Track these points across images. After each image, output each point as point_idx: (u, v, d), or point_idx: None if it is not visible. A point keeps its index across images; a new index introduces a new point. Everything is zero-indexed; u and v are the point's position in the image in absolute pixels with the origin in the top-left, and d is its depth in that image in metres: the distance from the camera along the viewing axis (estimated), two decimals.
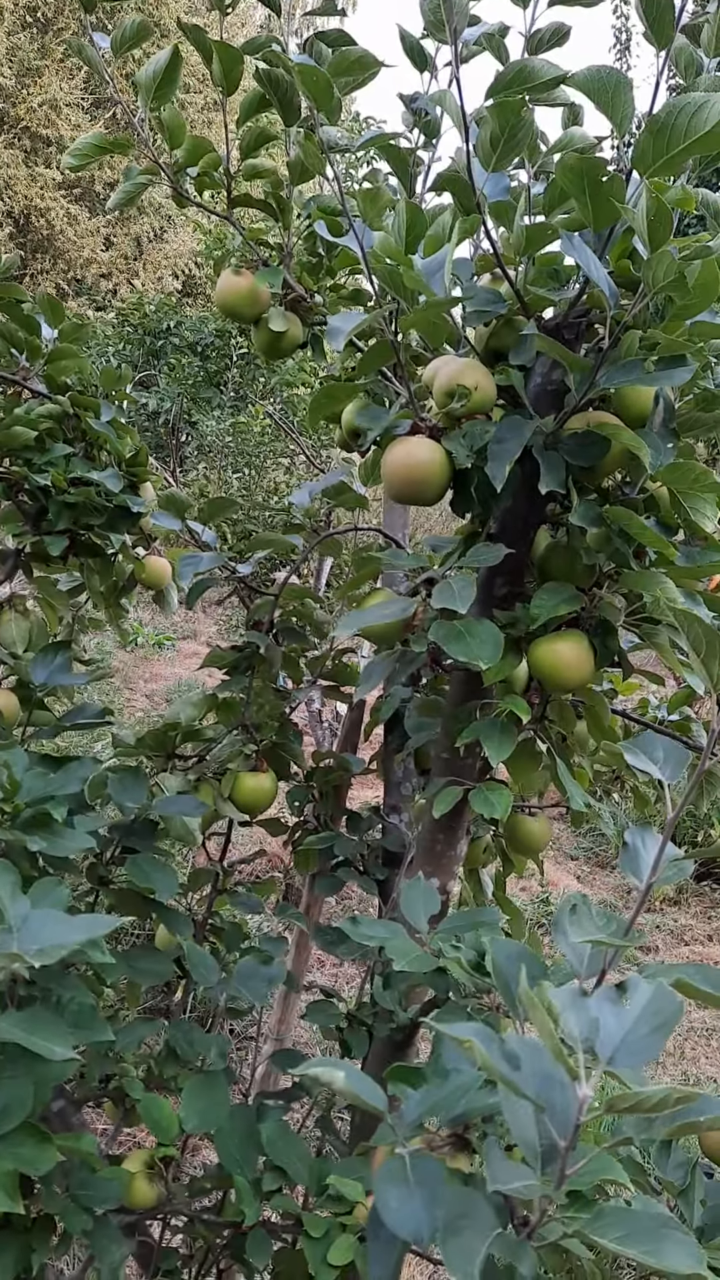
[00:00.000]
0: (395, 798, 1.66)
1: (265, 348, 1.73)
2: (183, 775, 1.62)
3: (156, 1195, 1.32)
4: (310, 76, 1.10)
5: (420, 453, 1.21)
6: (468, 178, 1.20)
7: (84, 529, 1.71)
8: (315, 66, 1.11)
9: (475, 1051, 0.63)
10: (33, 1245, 1.15)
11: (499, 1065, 0.63)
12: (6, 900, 0.94)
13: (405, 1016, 1.30)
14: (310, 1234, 1.23)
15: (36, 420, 1.71)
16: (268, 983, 1.40)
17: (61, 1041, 0.94)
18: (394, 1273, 0.80)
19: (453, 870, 1.38)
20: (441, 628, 1.17)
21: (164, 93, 1.68)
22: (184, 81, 22.38)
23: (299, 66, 1.10)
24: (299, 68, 1.10)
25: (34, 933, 0.94)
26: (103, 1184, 1.21)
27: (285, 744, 1.69)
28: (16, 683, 1.67)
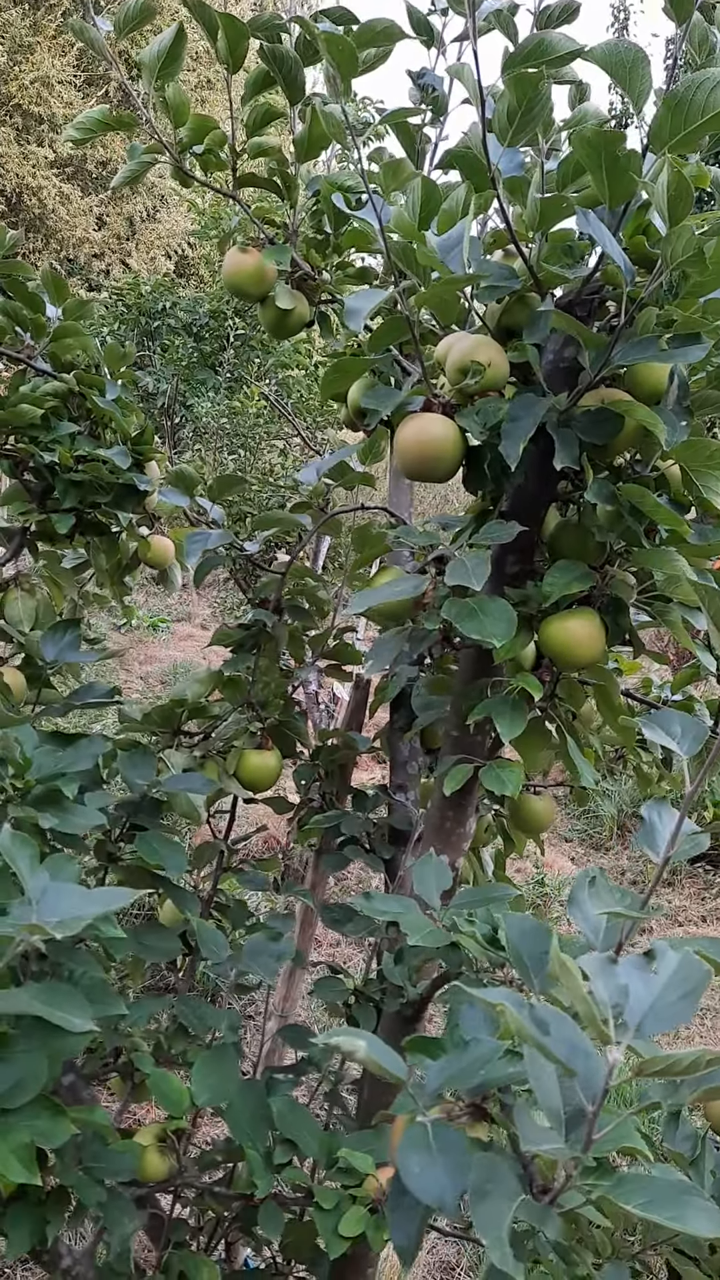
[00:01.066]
0: (401, 776, 1.66)
1: (272, 326, 1.72)
2: (188, 752, 1.62)
3: (168, 1168, 1.33)
4: (335, 45, 1.09)
5: (433, 429, 1.21)
6: (482, 152, 1.19)
7: (90, 507, 1.71)
8: (340, 35, 1.10)
9: (507, 1015, 0.64)
10: (47, 1217, 1.16)
11: (531, 1030, 0.64)
12: (25, 873, 0.95)
13: (415, 991, 1.31)
14: (321, 1206, 1.24)
15: (42, 398, 1.70)
16: (276, 959, 1.41)
17: (80, 1014, 0.95)
18: (416, 1240, 0.81)
19: (461, 848, 1.38)
20: (454, 605, 1.17)
21: (168, 71, 1.66)
22: None
23: (325, 35, 1.09)
24: (325, 36, 1.09)
25: (52, 905, 0.94)
26: (116, 1157, 1.22)
27: (290, 722, 1.69)
28: (23, 661, 1.67)
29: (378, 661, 1.28)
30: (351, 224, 1.69)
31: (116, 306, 11.49)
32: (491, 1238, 0.71)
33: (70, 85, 20.34)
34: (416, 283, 1.32)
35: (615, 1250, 1.12)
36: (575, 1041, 0.72)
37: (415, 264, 1.28)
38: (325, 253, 1.72)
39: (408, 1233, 0.82)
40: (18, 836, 0.97)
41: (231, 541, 1.53)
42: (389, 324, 1.37)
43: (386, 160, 1.76)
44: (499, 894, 1.16)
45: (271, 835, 4.90)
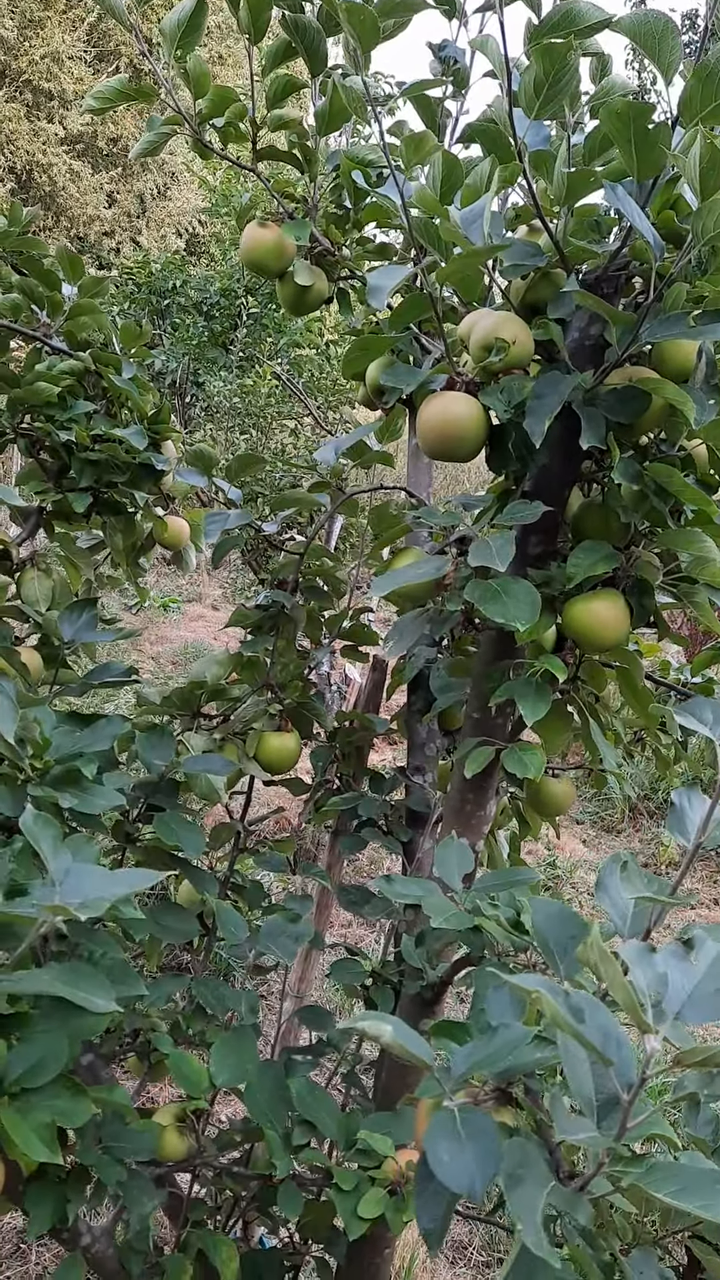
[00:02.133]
0: (419, 758, 1.65)
1: (290, 302, 1.70)
2: (208, 734, 1.62)
3: (187, 1148, 1.33)
4: (357, 15, 1.07)
5: (457, 408, 1.19)
6: (507, 125, 1.17)
7: (107, 486, 1.69)
8: (362, 5, 1.08)
9: (543, 1002, 0.63)
10: (68, 1196, 1.16)
11: (568, 1017, 0.63)
12: (48, 853, 0.94)
13: (434, 975, 1.30)
14: (341, 1187, 1.24)
15: (58, 377, 1.69)
16: (294, 940, 1.40)
17: (103, 994, 0.94)
18: (443, 1225, 0.81)
19: (482, 830, 1.37)
20: (477, 587, 1.16)
21: (188, 41, 1.64)
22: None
23: (346, 5, 1.07)
24: (346, 6, 1.07)
25: (75, 886, 0.94)
26: (135, 1136, 1.22)
27: (309, 704, 1.68)
28: (40, 640, 1.66)
29: (399, 643, 1.27)
30: (372, 199, 1.67)
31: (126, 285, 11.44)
32: (527, 1223, 0.70)
33: (80, 61, 20.20)
34: (438, 259, 1.31)
35: (636, 1236, 1.12)
36: (609, 1029, 0.71)
37: (437, 239, 1.26)
38: (345, 228, 1.70)
39: (434, 1217, 0.82)
40: (40, 817, 0.96)
41: (250, 522, 1.52)
42: (410, 301, 1.35)
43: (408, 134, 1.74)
44: (521, 877, 1.15)
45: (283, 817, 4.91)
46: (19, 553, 1.68)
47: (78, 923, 1.05)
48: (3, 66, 19.22)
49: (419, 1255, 2.61)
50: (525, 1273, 0.81)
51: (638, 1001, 0.61)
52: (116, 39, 21.43)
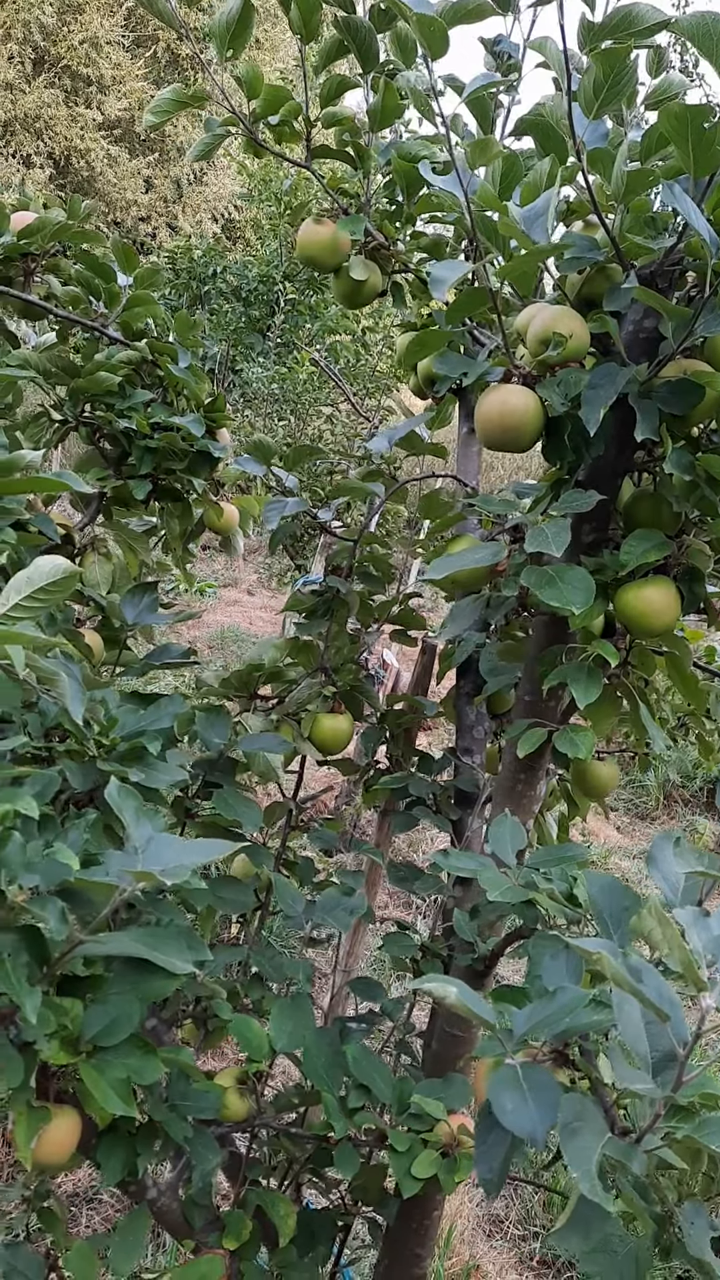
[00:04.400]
0: (468, 740, 1.70)
1: (345, 296, 1.75)
2: (264, 716, 1.67)
3: (247, 1109, 1.39)
4: (428, 25, 1.11)
5: (515, 400, 1.23)
6: (564, 123, 1.21)
7: (165, 473, 1.75)
8: (433, 16, 1.11)
9: (605, 964, 0.67)
10: (137, 1150, 1.22)
11: (627, 977, 0.67)
12: (131, 823, 1.00)
13: (486, 947, 1.35)
14: (395, 1148, 1.29)
15: (117, 366, 1.74)
16: (350, 913, 1.46)
17: (182, 956, 1.00)
18: (501, 1173, 0.85)
19: (532, 810, 1.42)
20: (533, 573, 1.20)
21: (239, 41, 1.68)
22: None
23: (417, 15, 1.10)
24: (417, 16, 1.10)
25: (156, 855, 0.99)
26: (200, 1096, 1.27)
27: (361, 686, 1.73)
28: (99, 623, 1.72)
29: (454, 627, 1.31)
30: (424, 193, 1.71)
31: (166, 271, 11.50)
32: (582, 1171, 0.75)
33: (119, 46, 20.27)
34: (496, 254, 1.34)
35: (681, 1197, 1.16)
36: (663, 991, 0.76)
37: (495, 235, 1.30)
38: (398, 223, 1.74)
39: (493, 1166, 0.87)
40: (123, 788, 1.02)
41: (307, 509, 1.57)
42: (468, 295, 1.39)
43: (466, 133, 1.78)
44: (573, 853, 1.19)
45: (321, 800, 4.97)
46: (81, 537, 1.74)
47: (145, 891, 1.10)
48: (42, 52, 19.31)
49: (457, 1227, 2.67)
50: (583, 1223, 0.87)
51: (694, 960, 0.66)
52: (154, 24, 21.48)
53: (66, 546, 1.75)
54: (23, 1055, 1.06)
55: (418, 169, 1.65)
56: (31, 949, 1.00)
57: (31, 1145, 1.08)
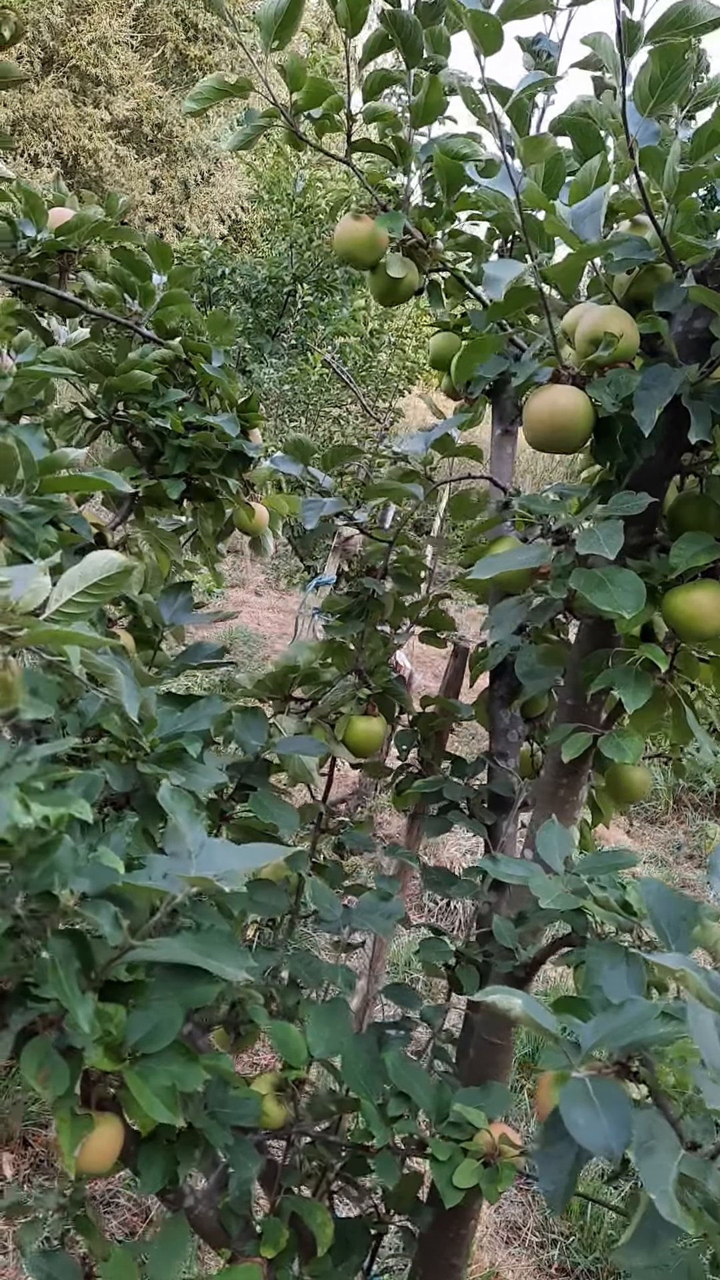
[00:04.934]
0: (502, 744, 1.68)
1: (382, 294, 1.73)
2: (298, 718, 1.65)
3: (284, 1116, 1.37)
4: (481, 22, 1.09)
5: (565, 400, 1.22)
6: (618, 121, 1.19)
7: (198, 473, 1.73)
8: (487, 13, 1.10)
9: (688, 980, 0.66)
10: (177, 1158, 1.21)
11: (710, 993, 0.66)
12: (184, 827, 0.98)
13: (527, 954, 1.33)
14: (436, 1158, 1.28)
15: (151, 365, 1.73)
16: (388, 917, 1.44)
17: (234, 963, 0.98)
18: (566, 1187, 0.84)
19: (575, 815, 1.40)
20: (582, 576, 1.19)
21: (285, 33, 1.67)
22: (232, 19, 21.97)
23: (471, 12, 1.09)
24: (471, 13, 1.09)
25: (209, 860, 0.98)
26: (241, 1103, 1.26)
27: (394, 688, 1.71)
28: (130, 623, 1.70)
29: (500, 629, 1.29)
30: (463, 191, 1.69)
31: None
32: (659, 1191, 0.73)
33: (127, 46, 20.26)
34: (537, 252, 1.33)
35: None
36: None
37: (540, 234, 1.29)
38: (437, 220, 1.72)
39: (557, 1180, 0.85)
40: (177, 792, 1.00)
41: (344, 510, 1.55)
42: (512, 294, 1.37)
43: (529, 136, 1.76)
44: (621, 859, 1.17)
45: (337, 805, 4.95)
46: (113, 537, 1.72)
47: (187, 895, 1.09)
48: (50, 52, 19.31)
49: (476, 1233, 2.65)
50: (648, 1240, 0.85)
51: None
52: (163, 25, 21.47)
53: (99, 545, 1.73)
54: (68, 1062, 1.04)
55: (461, 166, 1.63)
56: (81, 955, 0.98)
57: (76, 1153, 1.06)
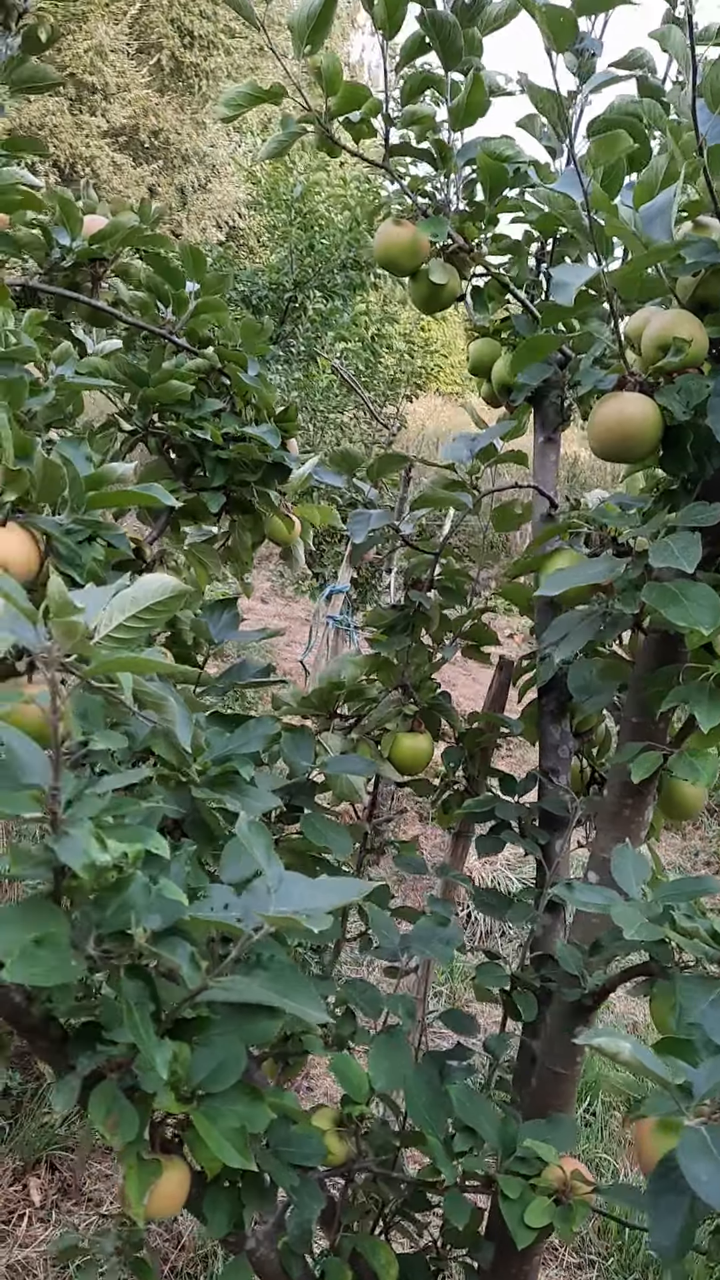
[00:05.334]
0: (552, 760, 1.63)
1: (423, 300, 1.69)
2: (343, 735, 1.61)
3: (346, 1152, 1.33)
4: (555, 18, 1.05)
5: (633, 408, 1.17)
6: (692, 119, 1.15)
7: (238, 485, 1.69)
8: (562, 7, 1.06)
9: None
10: (242, 1200, 1.16)
11: None
12: (263, 862, 0.93)
13: (594, 982, 1.29)
14: (507, 1195, 1.23)
15: (188, 375, 1.68)
16: (446, 943, 1.39)
17: (314, 1005, 0.93)
18: (683, 1241, 0.79)
19: (640, 835, 1.36)
20: (655, 590, 1.14)
21: (318, 36, 1.63)
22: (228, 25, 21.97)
23: (543, 8, 1.05)
24: (544, 9, 1.05)
25: (287, 895, 0.93)
26: (305, 1140, 1.21)
27: (440, 704, 1.67)
28: (168, 639, 1.66)
29: (567, 646, 1.25)
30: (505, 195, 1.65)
31: None
32: None
33: (123, 54, 20.27)
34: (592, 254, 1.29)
35: None
36: None
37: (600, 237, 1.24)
38: (478, 224, 1.68)
39: (670, 1231, 0.80)
40: (255, 825, 0.96)
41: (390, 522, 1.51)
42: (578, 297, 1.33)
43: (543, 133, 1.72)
44: (704, 886, 1.13)
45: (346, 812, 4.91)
46: (151, 551, 1.68)
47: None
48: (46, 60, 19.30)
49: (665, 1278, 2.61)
50: None
51: None
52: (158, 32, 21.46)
53: (136, 560, 1.69)
54: (136, 1107, 1.00)
55: (504, 168, 1.59)
56: (154, 995, 0.93)
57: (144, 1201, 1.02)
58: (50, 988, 1.01)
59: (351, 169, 10.57)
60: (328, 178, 10.81)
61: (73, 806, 0.89)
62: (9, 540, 1.12)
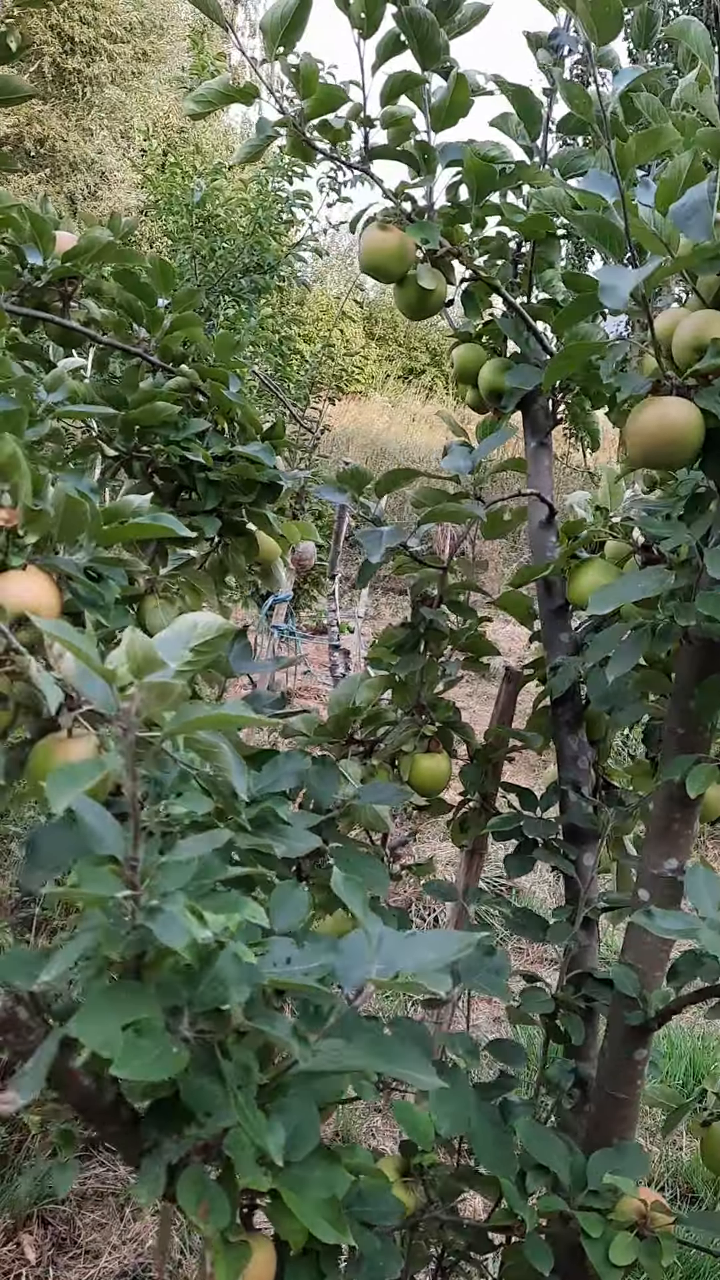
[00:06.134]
0: (572, 772, 1.60)
1: (411, 306, 1.64)
2: (359, 760, 1.55)
3: (415, 1202, 1.27)
4: (601, 9, 1.00)
5: (675, 412, 1.14)
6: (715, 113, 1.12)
7: (231, 506, 1.61)
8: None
9: None
10: (322, 1269, 1.09)
11: None
12: (362, 916, 0.87)
13: (657, 1003, 1.25)
14: (588, 1234, 1.19)
15: (171, 395, 1.61)
16: (497, 974, 1.34)
17: (425, 1069, 0.88)
18: None
19: (688, 850, 1.32)
20: (711, 599, 1.11)
21: (291, 38, 1.57)
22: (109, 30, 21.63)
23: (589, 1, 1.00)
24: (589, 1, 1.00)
25: (388, 955, 0.87)
26: (380, 1199, 1.15)
27: (455, 722, 1.62)
28: None
29: (619, 662, 1.20)
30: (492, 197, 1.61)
31: None
32: None
33: None
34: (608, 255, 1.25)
35: None
36: None
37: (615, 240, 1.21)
38: (462, 227, 1.63)
39: None
40: (350, 880, 0.90)
41: (403, 540, 1.45)
42: (581, 300, 1.30)
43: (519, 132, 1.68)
44: None
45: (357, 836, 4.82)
46: (142, 580, 1.60)
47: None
48: None
49: None
50: None
51: None
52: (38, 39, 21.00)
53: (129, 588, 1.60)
54: (225, 1189, 0.93)
55: (492, 169, 1.55)
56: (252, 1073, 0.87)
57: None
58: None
59: (251, 169, 10.45)
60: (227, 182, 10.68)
61: (154, 878, 0.82)
62: (35, 585, 1.03)
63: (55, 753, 0.96)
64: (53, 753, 0.96)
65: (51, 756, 0.96)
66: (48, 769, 0.95)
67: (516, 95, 1.70)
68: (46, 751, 0.96)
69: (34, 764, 0.97)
